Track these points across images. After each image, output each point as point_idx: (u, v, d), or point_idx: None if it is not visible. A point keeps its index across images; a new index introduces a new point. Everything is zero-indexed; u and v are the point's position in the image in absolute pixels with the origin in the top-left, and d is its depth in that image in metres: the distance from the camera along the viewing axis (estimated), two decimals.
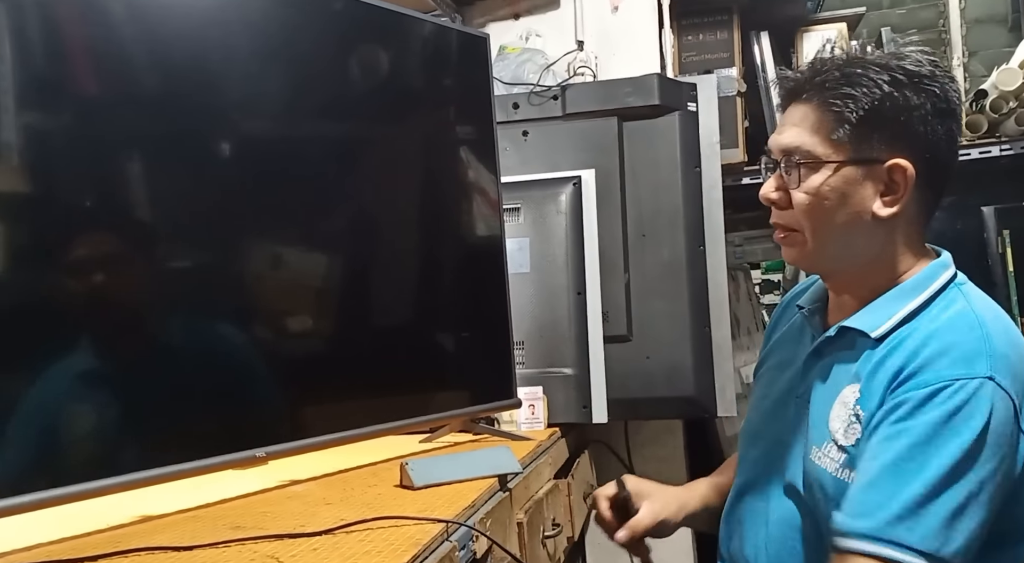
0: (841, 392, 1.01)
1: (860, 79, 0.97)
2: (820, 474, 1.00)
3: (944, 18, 2.97)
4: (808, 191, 1.00)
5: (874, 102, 0.96)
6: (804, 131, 1.00)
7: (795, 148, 1.00)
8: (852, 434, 0.97)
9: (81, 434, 1.06)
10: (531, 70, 2.07)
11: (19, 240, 1.01)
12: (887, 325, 0.99)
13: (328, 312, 1.35)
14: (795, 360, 1.12)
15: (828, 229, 1.01)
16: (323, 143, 1.36)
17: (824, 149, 0.99)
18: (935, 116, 0.98)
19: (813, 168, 0.99)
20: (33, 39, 1.02)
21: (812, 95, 1.00)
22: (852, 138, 0.98)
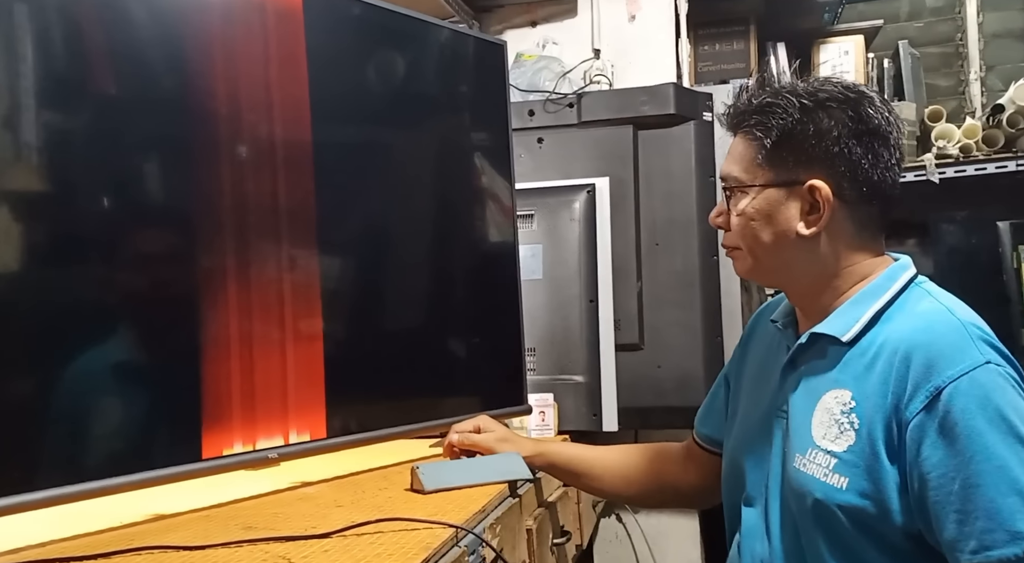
0: (822, 399, 1.03)
1: (772, 108, 1.04)
2: (806, 481, 1.01)
3: (962, 32, 2.96)
4: (739, 214, 1.08)
5: (785, 128, 1.03)
6: (733, 160, 1.09)
7: (726, 175, 1.10)
8: (844, 440, 0.99)
9: (106, 429, 1.06)
10: (547, 77, 2.08)
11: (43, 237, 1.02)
12: (855, 328, 1.02)
13: (341, 316, 1.35)
14: (772, 374, 1.13)
15: (761, 248, 1.08)
16: (339, 148, 1.37)
17: (748, 175, 1.07)
18: (850, 136, 1.02)
19: (742, 193, 1.08)
20: (53, 40, 1.04)
21: (736, 126, 1.09)
22: (770, 163, 1.05)
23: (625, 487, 1.36)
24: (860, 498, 0.96)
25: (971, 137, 2.39)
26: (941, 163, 2.36)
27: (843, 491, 0.97)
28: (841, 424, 0.99)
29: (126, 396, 1.10)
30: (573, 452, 1.38)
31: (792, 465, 1.03)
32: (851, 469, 0.97)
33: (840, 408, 1.00)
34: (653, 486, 1.35)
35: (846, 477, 0.97)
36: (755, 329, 1.26)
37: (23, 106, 1.00)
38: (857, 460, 0.97)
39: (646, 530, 2.06)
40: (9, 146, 1.00)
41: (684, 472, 1.33)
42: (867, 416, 0.97)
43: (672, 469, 1.34)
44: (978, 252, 2.34)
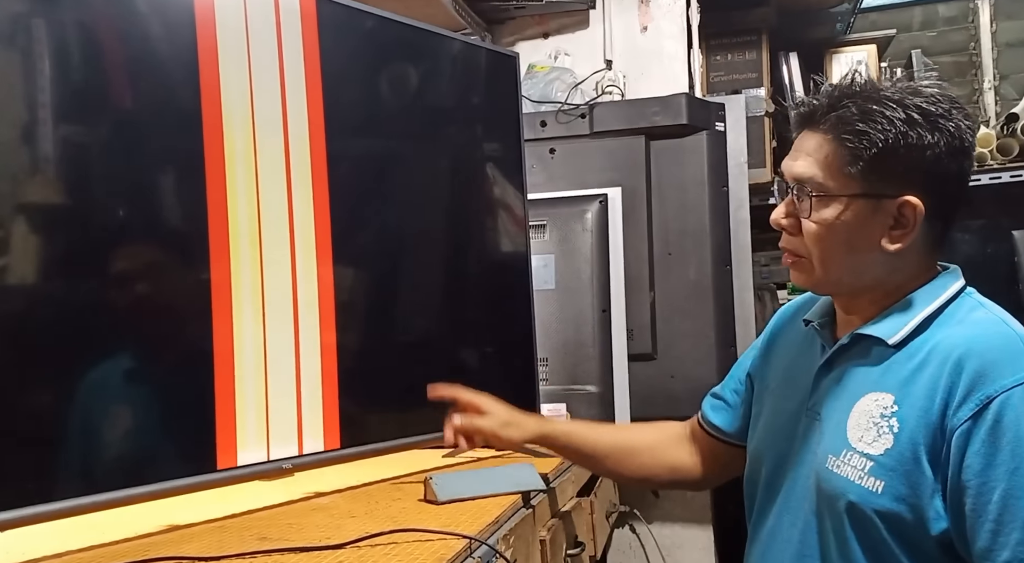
0: (860, 400, 1.01)
1: (876, 116, 0.97)
2: (840, 482, 0.99)
3: (975, 41, 2.95)
4: (818, 221, 1.01)
5: (888, 141, 0.96)
6: (817, 162, 1.01)
7: (808, 178, 1.01)
8: (882, 444, 0.96)
9: (121, 441, 1.07)
10: (559, 88, 2.09)
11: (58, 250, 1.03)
12: (903, 332, 1.00)
13: (355, 326, 1.36)
14: (804, 375, 1.11)
15: (836, 259, 1.02)
16: (354, 159, 1.38)
17: (836, 183, 1.00)
18: (948, 155, 0.98)
19: (824, 200, 1.00)
20: (64, 52, 1.05)
21: (828, 127, 1.00)
22: (864, 174, 0.98)
23: (628, 466, 1.33)
24: (896, 502, 0.94)
25: (985, 146, 2.38)
26: None
27: (878, 495, 0.95)
28: (880, 427, 0.97)
29: (141, 408, 1.11)
30: (577, 432, 1.34)
31: (824, 466, 1.01)
32: (888, 473, 0.95)
33: (880, 411, 0.98)
34: (655, 466, 1.33)
35: (882, 481, 0.95)
36: (781, 329, 1.24)
37: (39, 120, 1.01)
38: (895, 464, 0.95)
39: (660, 541, 2.05)
40: (21, 159, 1.01)
41: (687, 454, 1.32)
42: (909, 420, 0.95)
43: (674, 451, 1.32)
44: (994, 262, 2.33)
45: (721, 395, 1.31)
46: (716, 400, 1.31)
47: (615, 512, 1.90)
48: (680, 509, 2.06)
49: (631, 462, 1.33)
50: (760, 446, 1.17)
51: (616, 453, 1.33)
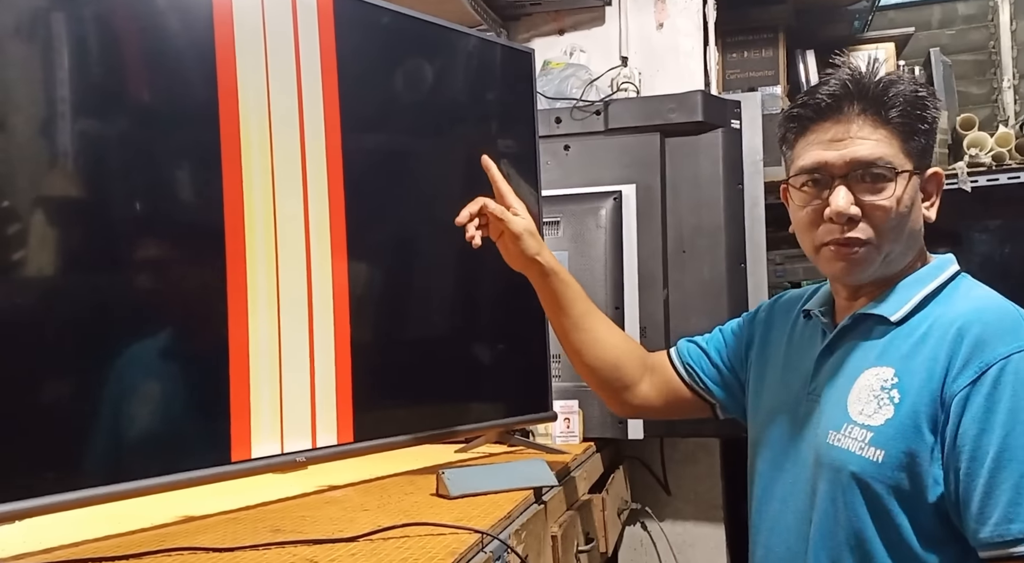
0: (861, 376, 1.03)
1: (924, 100, 1.05)
2: (840, 455, 1.01)
3: (995, 40, 2.93)
4: (892, 199, 1.03)
5: (933, 118, 1.06)
6: (880, 143, 1.03)
7: (877, 158, 1.03)
8: (882, 415, 0.99)
9: (137, 433, 1.08)
10: (575, 85, 2.08)
11: (79, 242, 1.04)
12: (905, 309, 1.04)
13: (369, 322, 1.36)
14: (805, 362, 1.13)
15: (901, 236, 1.05)
16: (369, 155, 1.38)
17: (900, 160, 1.04)
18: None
19: (893, 179, 1.03)
20: (83, 48, 1.06)
21: (877, 109, 1.04)
22: (918, 151, 1.05)
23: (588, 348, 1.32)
24: (896, 470, 0.96)
25: (1004, 145, 2.36)
26: (973, 171, 2.32)
27: (879, 464, 0.97)
28: (880, 399, 1.00)
29: (157, 401, 1.12)
30: (572, 288, 1.32)
31: (825, 441, 1.03)
32: (888, 442, 0.97)
33: (880, 384, 1.01)
34: (605, 361, 1.31)
35: (882, 450, 0.97)
36: (773, 319, 1.27)
37: (60, 114, 1.02)
38: (895, 433, 0.97)
39: (671, 538, 2.05)
40: (43, 152, 1.02)
41: (637, 371, 1.32)
42: (910, 391, 0.98)
43: (629, 361, 1.33)
44: (1011, 261, 2.31)
45: (701, 344, 1.34)
46: (699, 351, 1.33)
47: (627, 509, 1.90)
48: (692, 507, 2.06)
49: (596, 348, 1.31)
50: (760, 434, 1.18)
51: (589, 330, 1.31)
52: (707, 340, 1.34)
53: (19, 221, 0.99)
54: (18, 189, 1.00)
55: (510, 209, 1.27)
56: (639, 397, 1.33)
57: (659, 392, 1.33)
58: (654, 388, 1.33)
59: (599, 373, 1.33)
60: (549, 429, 1.71)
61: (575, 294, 1.32)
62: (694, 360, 1.32)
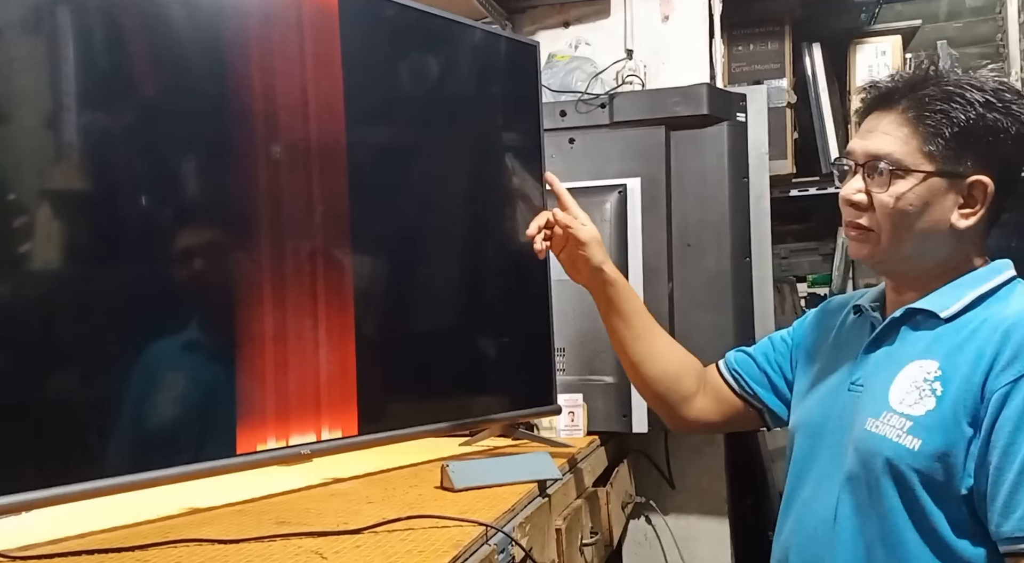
0: (905, 368, 1.04)
1: (957, 98, 1.02)
2: (876, 441, 1.02)
3: (1002, 32, 2.91)
4: (893, 195, 1.05)
5: (968, 121, 1.02)
6: (896, 139, 1.05)
7: (886, 154, 1.05)
8: (923, 406, 1.00)
9: (144, 425, 1.09)
10: (579, 78, 2.08)
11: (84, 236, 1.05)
12: (957, 306, 1.05)
13: (373, 315, 1.36)
14: (850, 355, 1.15)
15: (906, 234, 1.06)
16: (373, 148, 1.38)
17: (915, 159, 1.04)
18: (1015, 140, 1.03)
19: (901, 175, 1.04)
20: (91, 42, 1.06)
21: (908, 106, 1.05)
22: (942, 152, 1.03)
23: (650, 361, 1.34)
24: (931, 460, 0.97)
25: None
26: None
27: (915, 452, 0.98)
28: (922, 390, 1.01)
29: (163, 393, 1.12)
30: (636, 302, 1.36)
31: (863, 428, 1.04)
32: (926, 432, 0.98)
33: (924, 376, 1.02)
34: (666, 378, 1.34)
35: (919, 439, 0.98)
36: (823, 320, 1.27)
37: (67, 107, 1.02)
38: (934, 424, 0.98)
39: (676, 532, 2.05)
40: (53, 145, 1.03)
41: (694, 385, 1.35)
42: (952, 385, 0.99)
43: (689, 375, 1.35)
44: (1020, 256, 2.29)
45: (748, 352, 1.35)
46: (748, 359, 1.35)
47: (631, 503, 1.90)
48: (696, 501, 2.06)
49: (656, 360, 1.34)
50: (799, 420, 1.20)
51: (649, 343, 1.35)
52: (755, 347, 1.35)
53: (30, 213, 0.99)
54: (31, 182, 1.00)
55: (576, 219, 1.33)
56: (695, 410, 1.35)
57: (712, 404, 1.34)
58: (707, 400, 1.35)
59: (657, 386, 1.35)
60: (553, 422, 1.71)
61: (637, 306, 1.36)
62: (741, 366, 1.33)
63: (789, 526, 1.15)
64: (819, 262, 2.84)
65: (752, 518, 2.21)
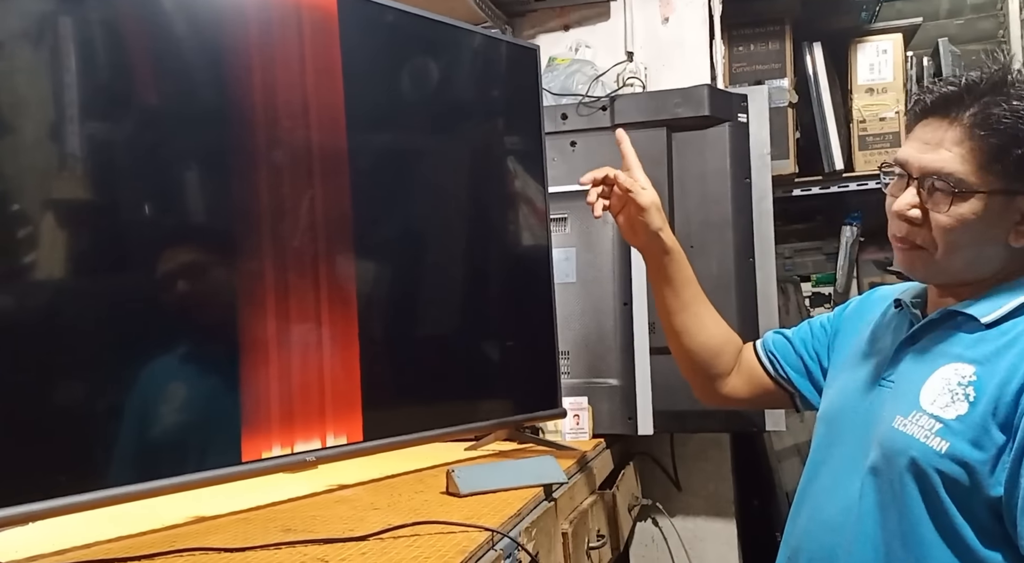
0: (939, 369, 1.02)
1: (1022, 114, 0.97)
2: (903, 440, 1.01)
3: (1004, 29, 2.90)
4: (953, 216, 1.01)
5: None
6: (958, 157, 1.00)
7: (948, 173, 1.00)
8: (954, 409, 0.98)
9: (149, 434, 1.09)
10: (580, 81, 2.08)
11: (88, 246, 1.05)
12: (999, 313, 1.02)
13: (377, 320, 1.36)
14: (885, 349, 1.13)
15: (959, 252, 1.03)
16: (375, 154, 1.38)
17: (976, 179, 1.00)
18: None
19: (963, 196, 1.00)
20: (91, 50, 1.06)
21: (974, 122, 1.00)
22: (1006, 171, 0.99)
23: (693, 332, 1.35)
24: (956, 464, 0.96)
25: None
26: None
27: (941, 455, 0.97)
28: (955, 394, 0.99)
29: (168, 401, 1.12)
30: (688, 271, 1.35)
31: (891, 425, 1.03)
32: (954, 436, 0.97)
33: (958, 380, 1.00)
34: (707, 351, 1.35)
35: (947, 442, 0.97)
36: (869, 309, 1.25)
37: (68, 117, 1.02)
38: (964, 429, 0.97)
39: (682, 534, 2.05)
40: (50, 157, 1.02)
41: (731, 360, 1.36)
42: (987, 391, 0.97)
43: (729, 350, 1.36)
44: None
45: (787, 335, 1.35)
46: (780, 337, 1.35)
47: (637, 505, 1.90)
48: (703, 502, 2.05)
49: (698, 333, 1.35)
50: (827, 409, 1.19)
51: (696, 314, 1.35)
52: (794, 331, 1.36)
53: (33, 224, 0.99)
54: (35, 193, 1.00)
55: (637, 183, 1.29)
56: (728, 386, 1.37)
57: (745, 382, 1.36)
58: (740, 377, 1.36)
59: (696, 357, 1.36)
60: (559, 426, 1.71)
61: (688, 276, 1.35)
62: (778, 349, 1.34)
63: (806, 513, 1.14)
64: (823, 261, 2.84)
65: (759, 519, 2.21)
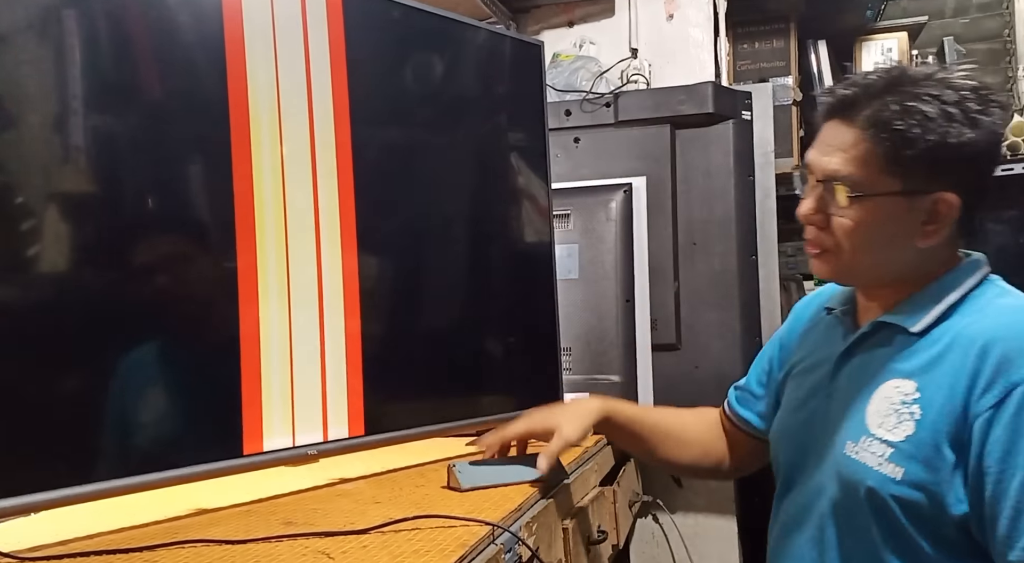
0: (881, 387, 1.00)
1: (916, 115, 0.95)
2: (858, 469, 0.99)
3: (1010, 28, 2.89)
4: (853, 219, 1.00)
5: (928, 140, 0.94)
6: (853, 159, 0.99)
7: (843, 176, 0.99)
8: (902, 430, 0.96)
9: (151, 426, 1.09)
10: (584, 77, 2.08)
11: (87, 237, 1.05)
12: (927, 320, 1.00)
13: (379, 315, 1.36)
14: (824, 361, 1.11)
15: (866, 253, 1.01)
16: (379, 148, 1.38)
17: (874, 180, 0.98)
18: (984, 150, 0.97)
19: (860, 199, 0.99)
20: (90, 42, 1.07)
21: (865, 123, 0.98)
22: (902, 172, 0.97)
23: (681, 453, 1.34)
24: (914, 489, 0.94)
25: (1019, 135, 2.33)
26: None
27: (897, 481, 0.95)
28: (900, 414, 0.97)
29: (170, 394, 1.13)
30: (637, 415, 1.34)
31: (843, 453, 1.02)
32: (907, 460, 0.95)
33: (901, 398, 0.98)
34: (703, 456, 1.34)
35: (901, 467, 0.95)
36: (802, 319, 1.25)
37: (69, 110, 1.03)
38: (915, 450, 0.95)
39: (683, 531, 2.05)
40: (53, 147, 1.03)
41: (723, 443, 1.35)
42: (931, 407, 0.95)
43: (717, 441, 1.35)
44: None
45: (746, 387, 1.32)
46: (741, 392, 1.32)
47: (638, 501, 1.90)
48: (704, 499, 2.05)
49: (685, 450, 1.34)
50: (779, 430, 1.18)
51: (665, 442, 1.34)
52: (750, 373, 1.32)
53: (33, 216, 1.00)
54: (33, 184, 1.00)
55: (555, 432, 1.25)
56: (734, 465, 1.35)
57: (744, 453, 1.33)
58: (738, 452, 1.34)
59: (695, 467, 1.36)
60: None
61: (642, 418, 1.34)
62: (740, 404, 1.32)
63: (776, 533, 1.15)
64: None
65: (760, 516, 2.21)
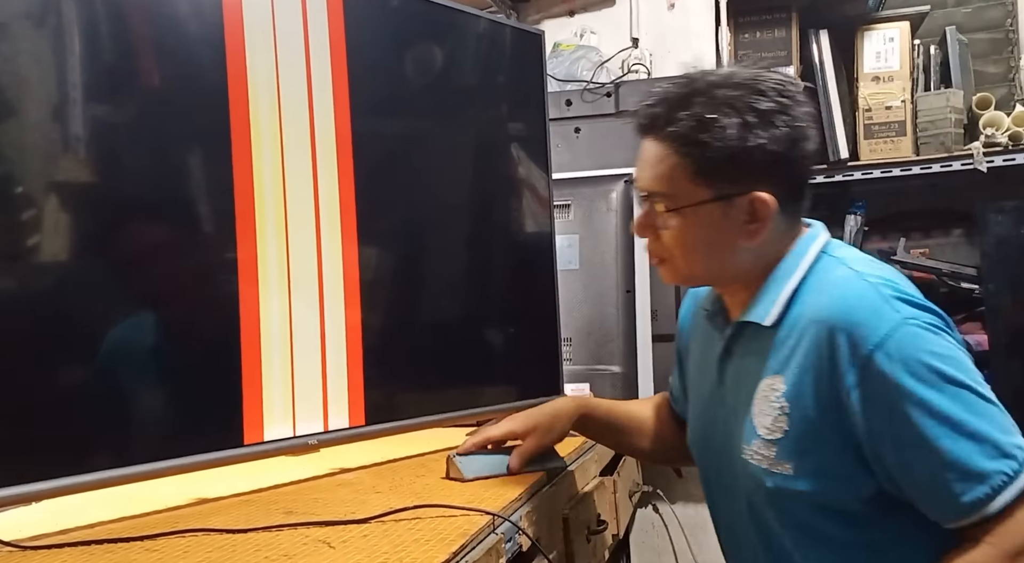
0: (759, 387, 1.03)
1: (712, 126, 0.97)
2: (755, 471, 1.02)
3: (1012, 18, 2.88)
4: (673, 229, 1.03)
5: (728, 148, 0.97)
6: (661, 175, 1.02)
7: (657, 192, 1.03)
8: (779, 427, 0.99)
9: (152, 415, 1.09)
10: (585, 67, 2.07)
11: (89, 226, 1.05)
12: (775, 311, 1.02)
13: (380, 305, 1.36)
14: (709, 361, 1.14)
15: (698, 259, 1.05)
16: (379, 138, 1.38)
17: (682, 193, 1.01)
18: (788, 147, 0.99)
19: (676, 211, 1.02)
20: (91, 32, 1.06)
21: (668, 138, 1.01)
22: (710, 181, 1.00)
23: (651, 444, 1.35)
24: (807, 481, 0.97)
25: (1021, 125, 2.33)
26: (989, 151, 2.30)
27: (791, 477, 0.98)
28: (776, 411, 1.00)
29: (170, 384, 1.13)
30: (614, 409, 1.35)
31: (741, 457, 1.05)
32: (792, 455, 0.98)
33: (775, 395, 1.00)
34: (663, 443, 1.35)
35: (789, 463, 0.98)
36: (689, 317, 1.27)
37: (69, 99, 1.02)
38: (794, 445, 0.98)
39: (683, 520, 2.05)
40: (55, 137, 1.03)
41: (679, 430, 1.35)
42: (799, 399, 0.98)
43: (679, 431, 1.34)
44: None
45: (672, 384, 1.35)
46: (671, 389, 1.35)
47: (638, 492, 1.90)
48: None
49: (651, 441, 1.36)
50: (691, 439, 1.21)
51: (643, 431, 1.35)
52: (677, 374, 1.33)
53: (31, 205, 1.00)
54: (33, 174, 1.00)
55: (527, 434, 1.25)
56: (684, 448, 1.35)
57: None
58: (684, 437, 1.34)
59: (664, 455, 1.38)
60: None
61: (616, 413, 1.35)
62: (674, 401, 1.34)
63: (721, 539, 1.18)
64: None
65: None
